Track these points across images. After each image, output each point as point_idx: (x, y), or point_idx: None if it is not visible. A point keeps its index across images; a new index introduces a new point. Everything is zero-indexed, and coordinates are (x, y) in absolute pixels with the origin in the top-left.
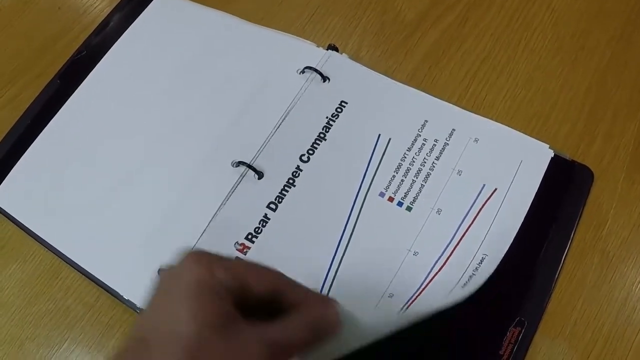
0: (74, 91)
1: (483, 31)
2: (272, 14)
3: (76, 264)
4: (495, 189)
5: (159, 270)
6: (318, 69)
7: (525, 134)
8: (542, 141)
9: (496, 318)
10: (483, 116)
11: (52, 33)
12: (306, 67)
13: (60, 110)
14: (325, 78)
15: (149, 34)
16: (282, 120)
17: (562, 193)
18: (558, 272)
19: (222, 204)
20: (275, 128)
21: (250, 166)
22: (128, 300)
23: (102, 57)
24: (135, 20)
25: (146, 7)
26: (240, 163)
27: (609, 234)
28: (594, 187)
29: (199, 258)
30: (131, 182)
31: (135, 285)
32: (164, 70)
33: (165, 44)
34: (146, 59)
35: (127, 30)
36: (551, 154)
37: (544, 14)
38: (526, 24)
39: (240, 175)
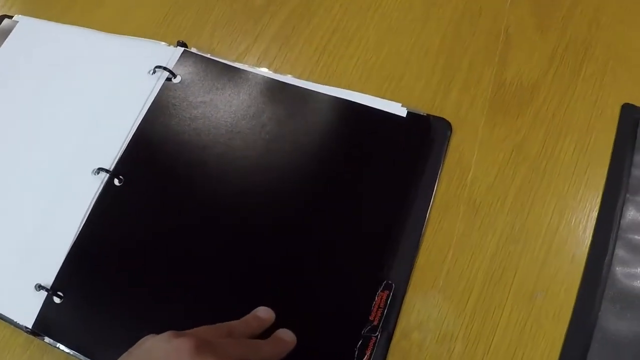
0: None
1: (331, 4)
2: (127, 21)
3: None
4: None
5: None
6: (168, 67)
7: (379, 96)
8: (397, 101)
9: (362, 285)
10: (335, 87)
11: None
12: (156, 67)
13: None
14: (175, 75)
15: (12, 57)
16: (138, 122)
17: (420, 148)
18: (423, 227)
19: (87, 211)
20: (131, 130)
21: (110, 171)
22: (9, 319)
23: None
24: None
25: (9, 34)
26: (100, 170)
27: (474, 181)
28: (454, 137)
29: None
30: None
31: (15, 302)
32: (26, 88)
33: (26, 64)
34: (8, 82)
35: None
36: (404, 112)
37: None
38: None
39: (102, 182)
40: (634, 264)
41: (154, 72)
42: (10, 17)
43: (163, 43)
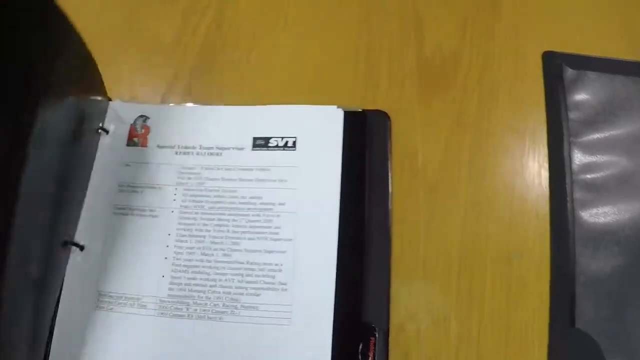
0: None
1: (240, 25)
2: None
3: None
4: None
5: None
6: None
7: (312, 104)
8: (330, 104)
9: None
10: (266, 105)
11: None
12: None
13: None
14: (107, 131)
15: None
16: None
17: (365, 145)
18: (389, 220)
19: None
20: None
21: (71, 242)
22: None
23: None
24: None
25: None
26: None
27: (425, 162)
28: (394, 125)
29: None
30: None
31: None
32: None
33: None
34: None
35: None
36: (341, 113)
37: None
38: (279, 2)
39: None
40: (594, 203)
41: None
42: None
43: None
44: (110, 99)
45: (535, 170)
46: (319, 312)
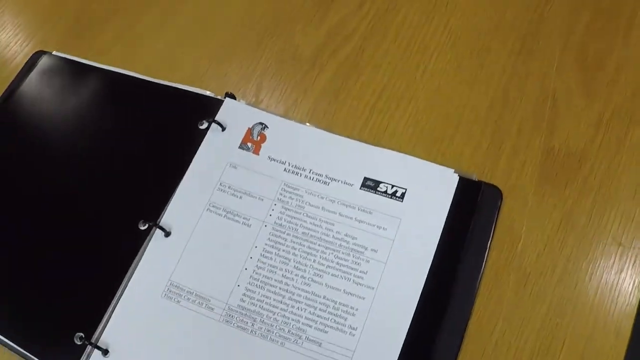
0: None
1: (380, 60)
2: (173, 66)
3: None
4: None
5: None
6: (216, 119)
7: (429, 160)
8: (447, 165)
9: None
10: (384, 147)
11: None
12: (204, 119)
13: None
14: (223, 127)
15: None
16: (184, 175)
17: (471, 216)
18: (475, 295)
19: (133, 266)
20: (177, 183)
21: (157, 225)
22: None
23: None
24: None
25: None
26: (146, 222)
27: (524, 250)
28: (504, 204)
29: None
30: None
31: None
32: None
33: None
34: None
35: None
36: (456, 178)
37: (441, 36)
38: (423, 48)
39: (149, 236)
40: None
41: (202, 123)
42: (46, 52)
43: (211, 93)
44: (234, 97)
45: (629, 289)
46: None
